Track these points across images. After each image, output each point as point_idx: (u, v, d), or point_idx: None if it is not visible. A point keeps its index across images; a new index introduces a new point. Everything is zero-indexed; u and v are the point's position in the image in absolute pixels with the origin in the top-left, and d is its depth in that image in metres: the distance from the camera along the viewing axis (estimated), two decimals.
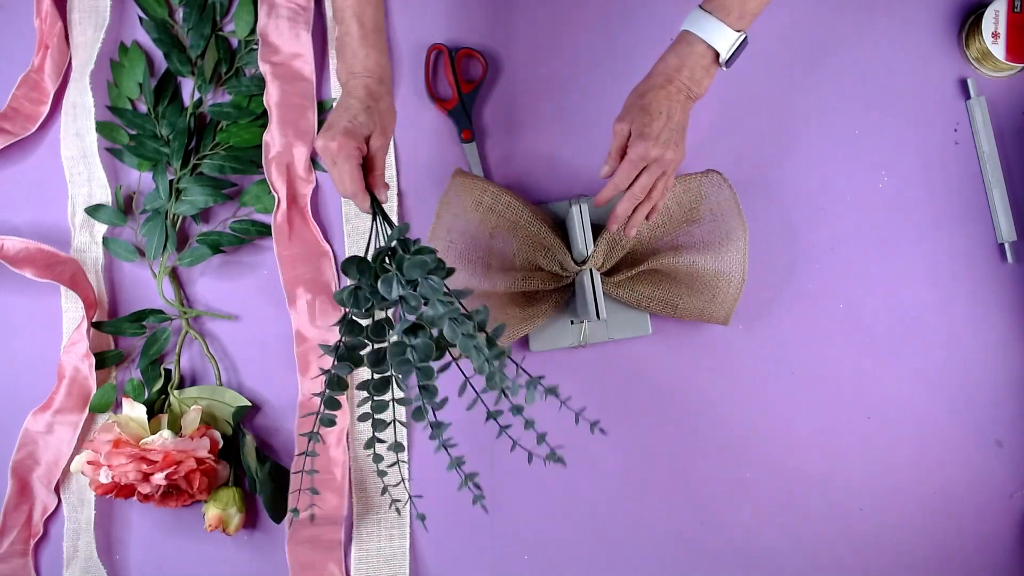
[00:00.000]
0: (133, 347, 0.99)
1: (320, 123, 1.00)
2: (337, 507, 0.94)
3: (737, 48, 0.83)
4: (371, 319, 0.69)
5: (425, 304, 0.64)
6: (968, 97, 1.00)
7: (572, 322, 0.97)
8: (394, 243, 0.69)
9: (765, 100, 1.00)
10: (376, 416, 0.72)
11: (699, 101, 0.86)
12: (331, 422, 0.73)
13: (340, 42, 0.84)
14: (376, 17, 0.84)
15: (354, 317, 0.70)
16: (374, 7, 0.84)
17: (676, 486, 0.96)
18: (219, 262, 1.00)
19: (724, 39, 0.81)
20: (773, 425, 0.96)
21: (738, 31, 0.82)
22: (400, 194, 1.00)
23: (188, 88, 1.02)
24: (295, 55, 1.00)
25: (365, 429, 0.97)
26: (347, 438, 0.97)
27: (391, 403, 0.71)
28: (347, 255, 0.99)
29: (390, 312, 0.73)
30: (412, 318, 0.65)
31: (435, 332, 0.66)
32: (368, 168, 0.81)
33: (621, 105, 0.83)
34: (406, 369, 0.64)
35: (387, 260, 0.69)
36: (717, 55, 0.82)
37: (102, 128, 1.00)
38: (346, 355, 0.70)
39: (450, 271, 0.67)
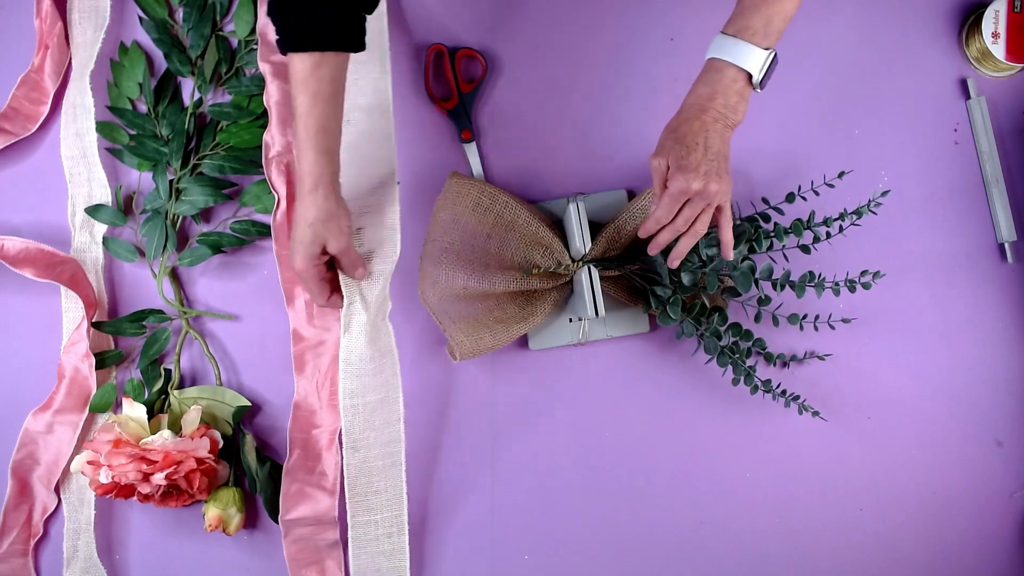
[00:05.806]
0: (133, 347, 0.99)
1: None
2: (329, 508, 0.94)
3: (769, 67, 0.80)
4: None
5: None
6: (968, 97, 1.00)
7: (571, 320, 0.97)
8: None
9: (765, 100, 1.00)
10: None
11: None
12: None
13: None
14: (322, 117, 0.80)
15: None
16: (322, 105, 0.80)
17: (675, 485, 0.96)
18: (219, 262, 1.00)
19: (754, 59, 0.79)
20: (773, 423, 0.96)
21: (766, 48, 0.79)
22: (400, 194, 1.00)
23: (188, 88, 1.02)
24: None
25: None
26: (340, 438, 0.96)
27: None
28: None
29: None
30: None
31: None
32: (339, 267, 0.88)
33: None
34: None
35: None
36: (749, 77, 0.80)
37: (102, 128, 1.00)
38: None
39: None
